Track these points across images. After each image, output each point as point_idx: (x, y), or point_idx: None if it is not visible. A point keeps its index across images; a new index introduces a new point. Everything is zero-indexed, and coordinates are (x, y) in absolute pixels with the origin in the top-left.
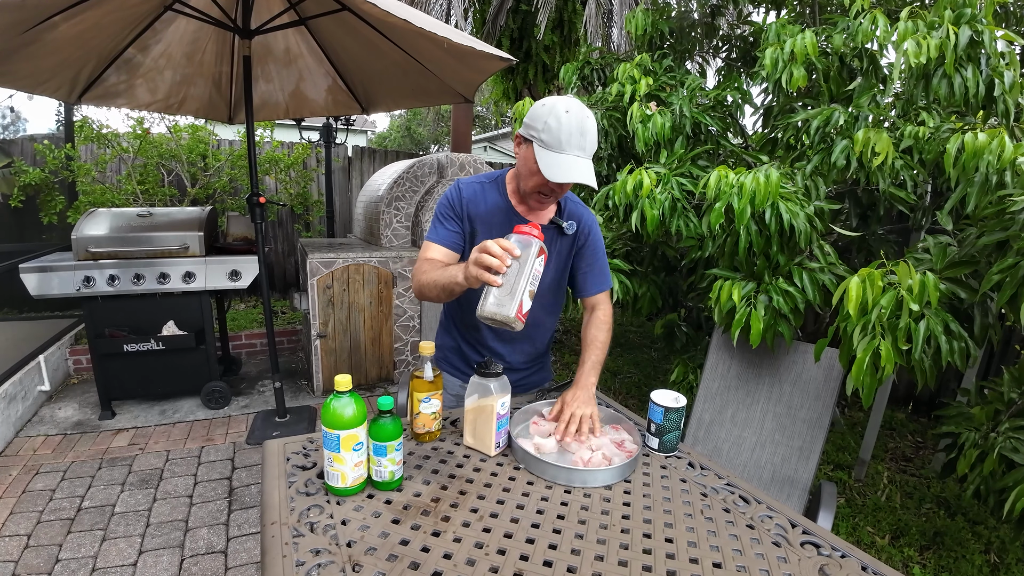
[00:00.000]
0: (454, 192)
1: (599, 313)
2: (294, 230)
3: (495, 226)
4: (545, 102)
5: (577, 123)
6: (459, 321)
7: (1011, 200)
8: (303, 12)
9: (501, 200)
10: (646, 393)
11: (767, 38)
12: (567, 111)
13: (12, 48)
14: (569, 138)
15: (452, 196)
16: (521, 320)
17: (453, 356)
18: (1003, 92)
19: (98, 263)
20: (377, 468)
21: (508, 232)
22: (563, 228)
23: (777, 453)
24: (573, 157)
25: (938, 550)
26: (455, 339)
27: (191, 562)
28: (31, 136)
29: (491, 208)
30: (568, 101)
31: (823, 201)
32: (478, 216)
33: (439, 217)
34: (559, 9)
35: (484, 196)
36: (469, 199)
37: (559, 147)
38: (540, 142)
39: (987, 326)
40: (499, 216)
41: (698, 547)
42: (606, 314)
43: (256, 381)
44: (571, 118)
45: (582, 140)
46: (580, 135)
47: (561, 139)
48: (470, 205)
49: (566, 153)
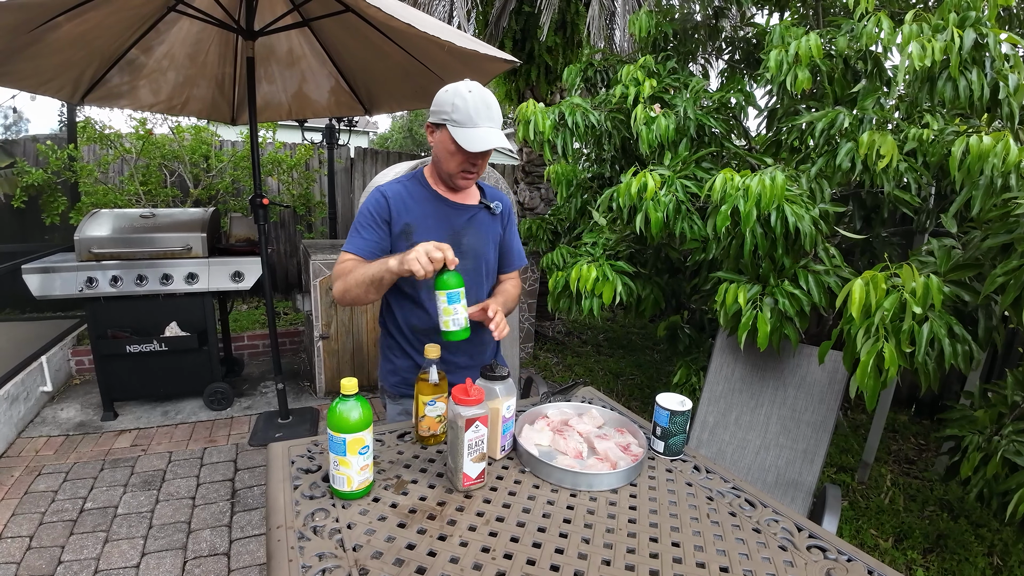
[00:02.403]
0: (377, 200)
1: (508, 284)
2: (296, 231)
3: (429, 215)
4: (447, 88)
5: (482, 99)
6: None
7: (1016, 203)
8: (306, 13)
9: (426, 191)
10: (649, 395)
11: (771, 40)
12: (470, 91)
13: (15, 48)
14: (478, 112)
15: (375, 204)
16: (466, 487)
17: (413, 375)
18: (1008, 95)
19: (101, 264)
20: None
21: (443, 217)
22: (491, 208)
23: (781, 456)
24: (486, 129)
25: (941, 553)
26: (410, 356)
27: (193, 564)
28: (34, 137)
29: (419, 200)
30: (468, 83)
31: (828, 204)
32: (408, 212)
33: (357, 227)
34: (562, 11)
35: (410, 193)
36: (395, 200)
37: (471, 122)
38: (453, 122)
39: (991, 329)
40: (428, 206)
41: (705, 551)
42: (515, 286)
43: (258, 382)
44: (475, 96)
45: (489, 112)
46: (487, 108)
47: (471, 114)
48: (398, 206)
49: (479, 127)
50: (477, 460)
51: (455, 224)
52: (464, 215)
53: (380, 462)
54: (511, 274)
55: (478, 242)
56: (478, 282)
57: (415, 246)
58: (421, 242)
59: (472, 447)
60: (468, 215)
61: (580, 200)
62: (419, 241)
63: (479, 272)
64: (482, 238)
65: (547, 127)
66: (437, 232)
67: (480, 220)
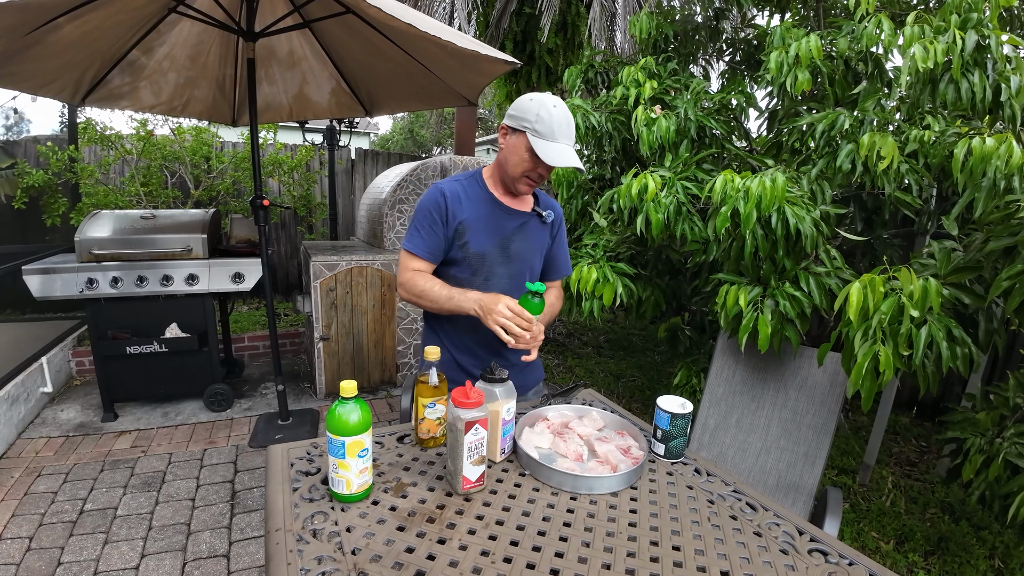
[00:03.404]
0: (436, 199)
1: (551, 294)
2: (297, 232)
3: (483, 217)
4: (532, 97)
5: (565, 116)
6: (450, 331)
7: (1019, 205)
8: (307, 15)
9: (484, 193)
10: (649, 397)
11: (771, 42)
12: (555, 106)
13: (16, 49)
14: (560, 128)
15: (434, 203)
16: (466, 490)
17: (444, 367)
18: (1010, 97)
19: (101, 265)
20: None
21: (495, 220)
22: (543, 217)
23: (783, 459)
24: (564, 145)
25: (943, 555)
26: (447, 350)
27: (193, 566)
28: (35, 138)
29: (475, 201)
30: (552, 97)
31: (829, 205)
32: (464, 212)
33: (419, 225)
34: (563, 12)
35: (466, 192)
36: (452, 199)
37: (552, 136)
38: (534, 132)
39: (992, 331)
40: (483, 207)
41: (706, 555)
42: (558, 297)
43: (259, 383)
44: (559, 111)
45: (569, 131)
46: (568, 126)
47: (553, 129)
48: (455, 205)
49: (558, 142)
50: (477, 463)
51: (506, 228)
52: (516, 221)
53: (379, 465)
54: (555, 283)
55: (526, 249)
56: (520, 288)
57: (496, 302)
58: (473, 241)
59: (472, 450)
60: (520, 221)
61: (581, 201)
62: (471, 240)
63: (523, 278)
64: (530, 245)
65: None
66: (488, 234)
67: (531, 227)
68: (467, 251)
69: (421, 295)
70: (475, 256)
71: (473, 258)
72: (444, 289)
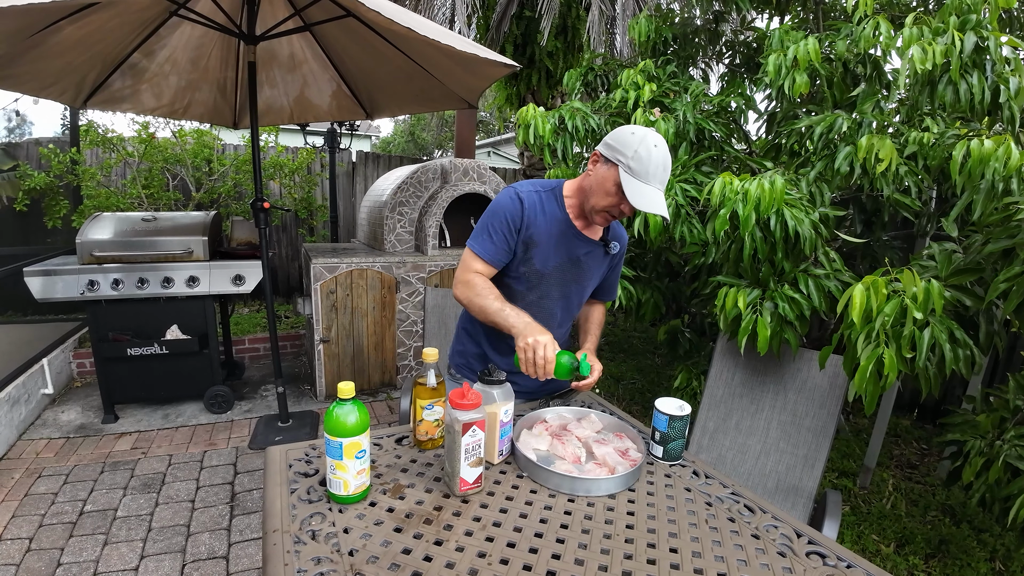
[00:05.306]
0: (513, 203)
1: (597, 316)
2: (298, 235)
3: (553, 236)
4: (635, 131)
5: (663, 158)
6: (487, 327)
7: (1017, 207)
8: (308, 18)
9: (559, 212)
10: (649, 399)
11: (770, 44)
12: (655, 145)
13: (18, 52)
14: (656, 171)
15: (511, 210)
16: (463, 491)
17: (476, 362)
18: (1008, 98)
19: (102, 267)
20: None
21: (564, 243)
22: (608, 248)
23: (782, 461)
24: (655, 189)
25: (943, 558)
26: (480, 345)
27: (192, 567)
28: (36, 140)
29: (550, 219)
30: (655, 135)
31: (828, 207)
32: (536, 227)
33: (490, 229)
34: (562, 15)
35: (543, 206)
36: (529, 210)
37: (646, 178)
38: (628, 169)
39: (992, 333)
40: (556, 228)
41: (703, 557)
42: (602, 317)
43: (259, 386)
44: (659, 152)
45: (664, 175)
46: (663, 170)
47: (649, 171)
48: (530, 215)
49: (651, 184)
50: (474, 465)
51: (572, 253)
52: (584, 248)
53: (377, 466)
54: (600, 304)
55: (584, 276)
56: (568, 308)
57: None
58: (537, 258)
59: (469, 451)
60: (587, 249)
61: None
62: (535, 257)
63: (574, 300)
64: (590, 272)
65: (547, 131)
66: (553, 255)
67: (595, 255)
68: (530, 266)
69: (473, 299)
70: (535, 273)
71: (533, 275)
72: (498, 302)
